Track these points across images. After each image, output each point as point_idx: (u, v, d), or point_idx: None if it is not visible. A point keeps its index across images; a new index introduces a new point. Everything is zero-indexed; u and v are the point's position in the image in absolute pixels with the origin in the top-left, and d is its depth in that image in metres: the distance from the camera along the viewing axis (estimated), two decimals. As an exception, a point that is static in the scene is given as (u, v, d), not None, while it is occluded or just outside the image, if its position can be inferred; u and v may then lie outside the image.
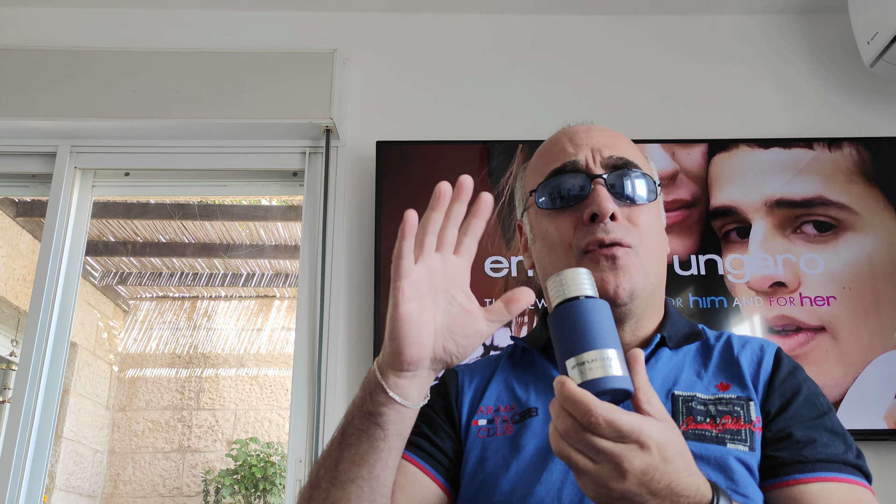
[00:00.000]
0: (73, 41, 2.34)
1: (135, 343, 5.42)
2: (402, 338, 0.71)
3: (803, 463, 0.81)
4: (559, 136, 0.99)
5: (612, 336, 0.66)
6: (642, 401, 0.65)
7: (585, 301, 0.68)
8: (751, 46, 2.39)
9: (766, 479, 0.82)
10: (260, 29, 2.37)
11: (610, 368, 0.64)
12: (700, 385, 0.88)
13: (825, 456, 0.81)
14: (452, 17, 2.41)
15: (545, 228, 0.94)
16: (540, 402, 0.90)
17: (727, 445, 0.82)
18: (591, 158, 0.93)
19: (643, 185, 0.93)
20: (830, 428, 0.85)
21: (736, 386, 0.88)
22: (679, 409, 0.85)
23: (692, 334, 0.95)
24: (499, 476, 0.86)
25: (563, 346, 0.67)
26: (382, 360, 0.74)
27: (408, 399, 0.74)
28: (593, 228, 0.88)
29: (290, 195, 3.63)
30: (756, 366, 0.90)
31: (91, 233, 3.22)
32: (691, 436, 0.83)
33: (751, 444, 0.83)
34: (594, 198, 0.89)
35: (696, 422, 0.84)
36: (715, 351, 0.93)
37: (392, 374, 0.73)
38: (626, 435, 0.62)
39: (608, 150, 0.94)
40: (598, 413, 0.61)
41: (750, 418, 0.84)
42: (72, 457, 4.63)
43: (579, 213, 0.91)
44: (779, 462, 0.82)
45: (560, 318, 0.68)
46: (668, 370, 0.90)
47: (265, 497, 4.70)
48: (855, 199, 2.07)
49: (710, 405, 0.85)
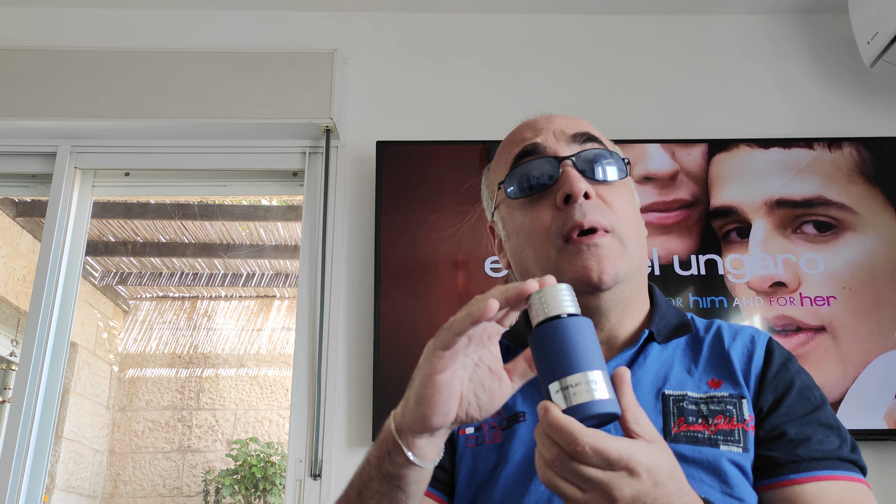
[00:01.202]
0: (73, 41, 2.34)
1: (135, 343, 5.42)
2: (432, 406, 0.69)
3: (797, 462, 0.80)
4: (519, 127, 0.98)
5: (595, 356, 0.64)
6: (630, 421, 0.63)
7: (567, 320, 0.65)
8: (751, 46, 2.39)
9: (761, 480, 0.81)
10: (260, 29, 2.37)
11: (595, 392, 0.62)
12: (691, 382, 0.87)
13: (820, 454, 0.80)
14: (452, 17, 2.41)
15: (519, 221, 0.91)
16: (527, 406, 0.89)
17: (720, 447, 0.81)
18: (553, 140, 0.92)
19: (612, 162, 0.91)
20: (825, 422, 0.83)
21: (728, 383, 0.86)
22: (670, 410, 0.84)
23: (681, 326, 0.92)
24: (489, 486, 0.84)
25: (545, 369, 0.65)
26: (402, 421, 0.72)
27: (426, 460, 0.73)
28: (569, 212, 0.86)
29: (290, 195, 3.63)
30: (747, 360, 0.88)
31: (91, 233, 3.22)
32: (683, 438, 0.82)
33: (744, 444, 0.82)
34: (565, 179, 0.87)
35: (688, 423, 0.83)
36: (705, 344, 0.91)
37: (412, 436, 0.71)
38: (615, 462, 0.60)
39: (570, 129, 0.92)
40: (585, 441, 0.59)
41: (743, 417, 0.83)
42: (72, 457, 4.63)
43: (552, 197, 0.88)
44: (773, 462, 0.81)
45: (541, 339, 0.65)
46: (657, 367, 0.88)
47: (265, 497, 4.69)
48: (855, 199, 2.07)
49: (702, 404, 0.84)
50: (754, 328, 0.94)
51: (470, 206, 2.08)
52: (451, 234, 2.05)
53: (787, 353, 0.90)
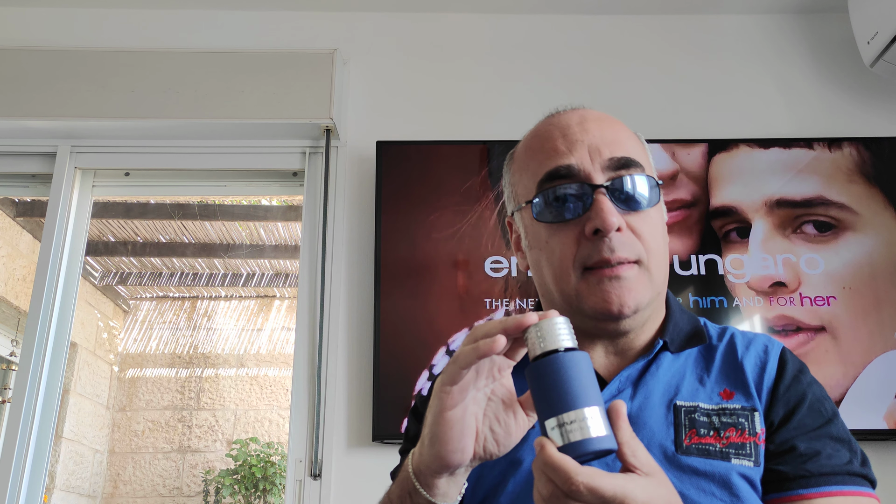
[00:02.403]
0: (73, 41, 2.34)
1: (135, 343, 5.42)
2: (446, 443, 0.69)
3: (807, 477, 0.80)
4: (550, 130, 0.93)
5: (591, 391, 0.64)
6: (627, 455, 0.64)
7: (564, 355, 0.65)
8: (751, 46, 2.39)
9: (770, 493, 0.81)
10: (260, 29, 2.37)
11: (589, 430, 0.62)
12: (703, 393, 0.86)
13: (829, 468, 0.80)
14: (452, 18, 2.41)
15: (544, 240, 0.88)
16: None
17: (731, 461, 0.81)
18: (588, 162, 0.86)
19: (645, 187, 0.87)
20: (835, 436, 0.83)
21: (740, 394, 0.85)
22: (682, 422, 0.83)
23: (694, 335, 0.91)
24: (496, 493, 0.84)
25: (542, 405, 0.65)
26: (420, 462, 0.71)
27: (447, 499, 0.73)
28: (598, 245, 0.83)
29: (290, 195, 3.63)
30: (760, 371, 0.87)
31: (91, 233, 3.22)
32: (695, 451, 0.81)
33: (755, 458, 0.81)
34: (597, 211, 0.83)
35: (700, 435, 0.82)
36: (718, 353, 0.90)
37: (430, 476, 0.71)
38: (609, 500, 0.60)
39: (607, 150, 0.87)
40: (579, 481, 0.60)
41: (755, 430, 0.83)
42: (72, 457, 4.63)
43: (580, 226, 0.85)
44: (782, 476, 0.81)
45: (537, 374, 0.66)
46: (669, 377, 0.87)
47: (265, 497, 4.70)
48: (855, 199, 2.07)
49: (714, 416, 0.83)
50: (767, 337, 0.93)
51: (470, 206, 2.08)
52: (451, 234, 2.05)
53: (800, 363, 0.90)
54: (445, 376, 0.68)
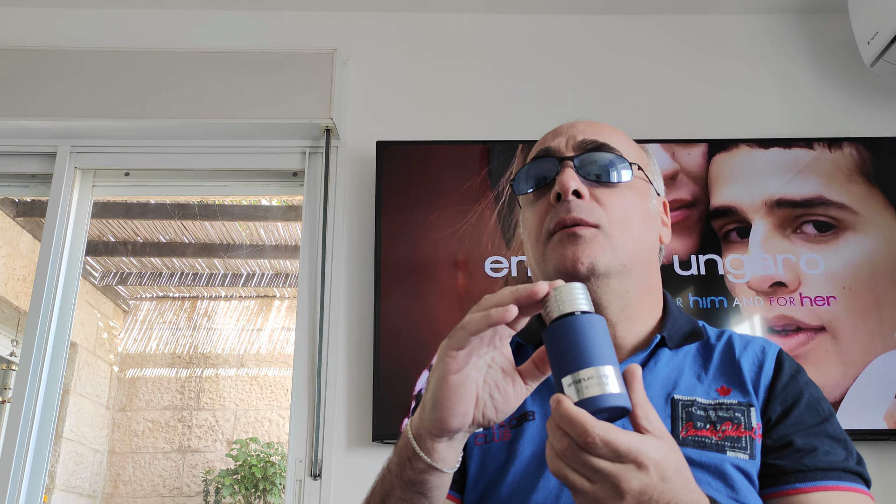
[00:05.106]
0: (72, 41, 2.34)
1: (135, 343, 5.42)
2: (449, 408, 0.70)
3: (804, 472, 0.81)
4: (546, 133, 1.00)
5: (608, 352, 0.65)
6: (640, 417, 0.64)
7: (581, 317, 0.66)
8: (751, 46, 2.39)
9: (766, 488, 0.82)
10: (260, 29, 2.37)
11: (606, 386, 0.63)
12: (700, 389, 0.87)
13: (826, 464, 0.81)
14: (452, 17, 2.41)
15: (526, 217, 0.95)
16: (536, 406, 0.90)
17: (727, 453, 0.82)
18: (564, 144, 0.94)
19: (615, 165, 0.91)
20: (832, 434, 0.84)
21: (737, 391, 0.87)
22: (679, 415, 0.85)
23: (693, 333, 0.93)
24: (497, 483, 0.85)
25: (558, 364, 0.66)
26: (420, 426, 0.73)
27: (447, 464, 0.73)
28: (558, 208, 0.88)
29: (290, 195, 3.63)
30: (757, 369, 0.88)
31: (91, 233, 3.22)
32: (691, 442, 0.82)
33: (751, 451, 0.82)
34: (559, 178, 0.89)
35: (696, 428, 0.84)
36: (716, 352, 0.91)
37: (430, 440, 0.72)
38: (624, 455, 0.61)
39: (582, 135, 0.94)
40: (595, 433, 0.60)
41: (750, 425, 0.84)
42: (72, 457, 4.63)
43: (549, 195, 0.91)
44: (779, 470, 0.82)
45: (555, 335, 0.67)
46: (667, 372, 0.89)
47: (265, 497, 4.70)
48: (855, 199, 2.07)
49: (711, 410, 0.85)
50: (765, 339, 0.95)
51: (470, 206, 2.08)
52: (451, 234, 2.05)
53: (797, 365, 0.91)
54: (453, 341, 0.69)
